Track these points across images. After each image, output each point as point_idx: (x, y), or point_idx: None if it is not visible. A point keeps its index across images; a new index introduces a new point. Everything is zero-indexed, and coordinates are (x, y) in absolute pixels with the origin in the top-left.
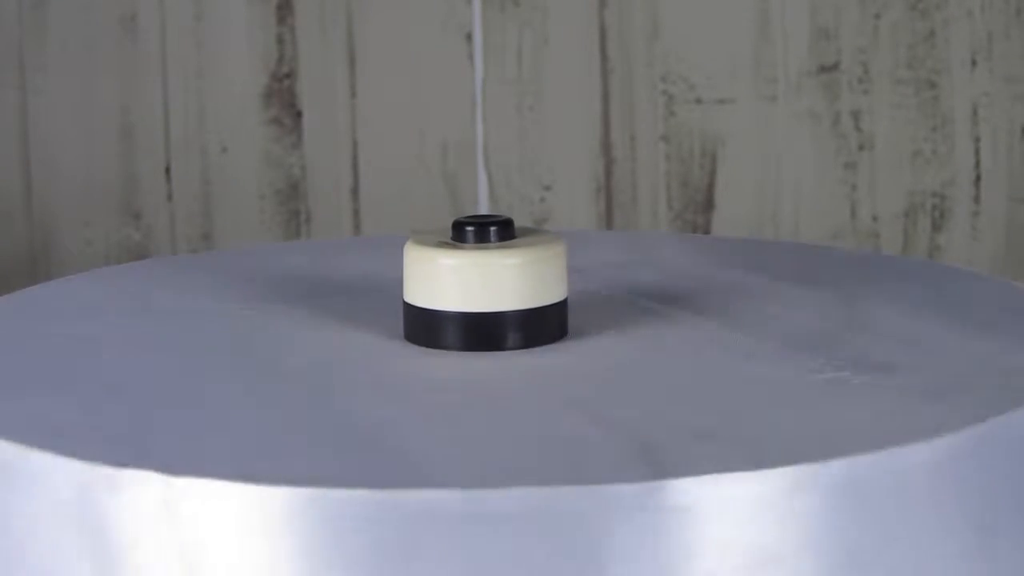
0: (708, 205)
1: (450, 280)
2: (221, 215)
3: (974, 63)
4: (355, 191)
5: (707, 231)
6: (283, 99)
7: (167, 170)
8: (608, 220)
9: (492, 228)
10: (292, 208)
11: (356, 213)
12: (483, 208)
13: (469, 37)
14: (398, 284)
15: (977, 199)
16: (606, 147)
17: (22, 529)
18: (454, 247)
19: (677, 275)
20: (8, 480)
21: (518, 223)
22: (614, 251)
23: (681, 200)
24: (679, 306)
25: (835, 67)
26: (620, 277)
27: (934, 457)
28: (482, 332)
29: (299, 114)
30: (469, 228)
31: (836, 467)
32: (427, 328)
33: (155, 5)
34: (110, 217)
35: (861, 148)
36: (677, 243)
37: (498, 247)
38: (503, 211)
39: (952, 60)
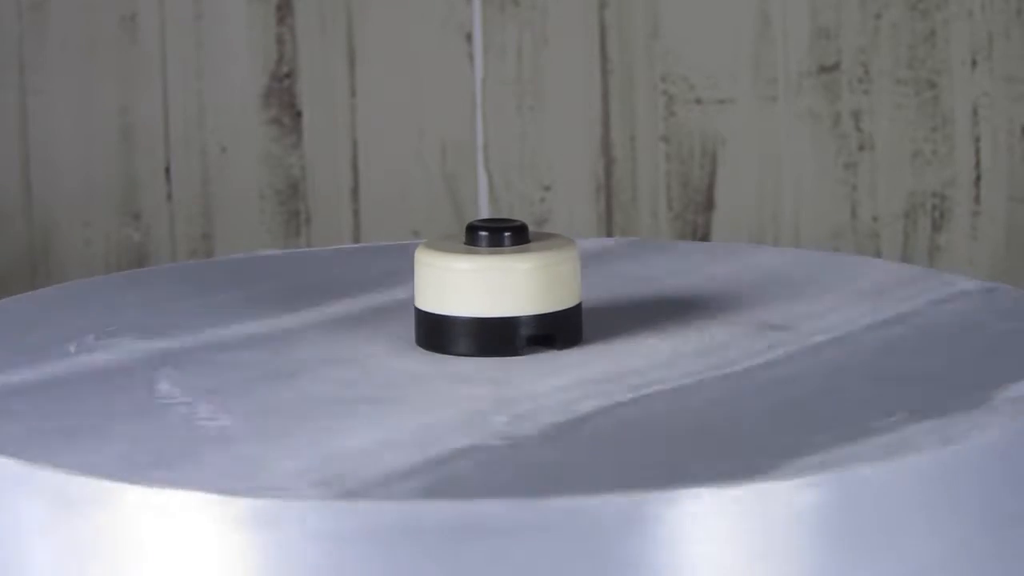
0: (708, 205)
1: (463, 285)
2: (221, 215)
3: (974, 63)
4: (355, 191)
5: (707, 231)
6: (283, 99)
7: (167, 170)
8: (608, 220)
9: (506, 232)
10: (292, 208)
11: (356, 213)
12: (483, 208)
13: (469, 37)
14: (409, 290)
15: (977, 199)
16: (606, 147)
17: None
18: (467, 251)
19: (690, 279)
20: None
21: None
22: (627, 255)
23: (681, 200)
24: (695, 311)
25: (835, 67)
26: (634, 282)
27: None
28: (496, 337)
29: (299, 114)
30: (483, 232)
31: (836, 478)
32: (439, 334)
33: (155, 5)
34: (110, 217)
35: (861, 148)
36: (688, 248)
37: (512, 251)
38: (503, 211)
39: (952, 60)
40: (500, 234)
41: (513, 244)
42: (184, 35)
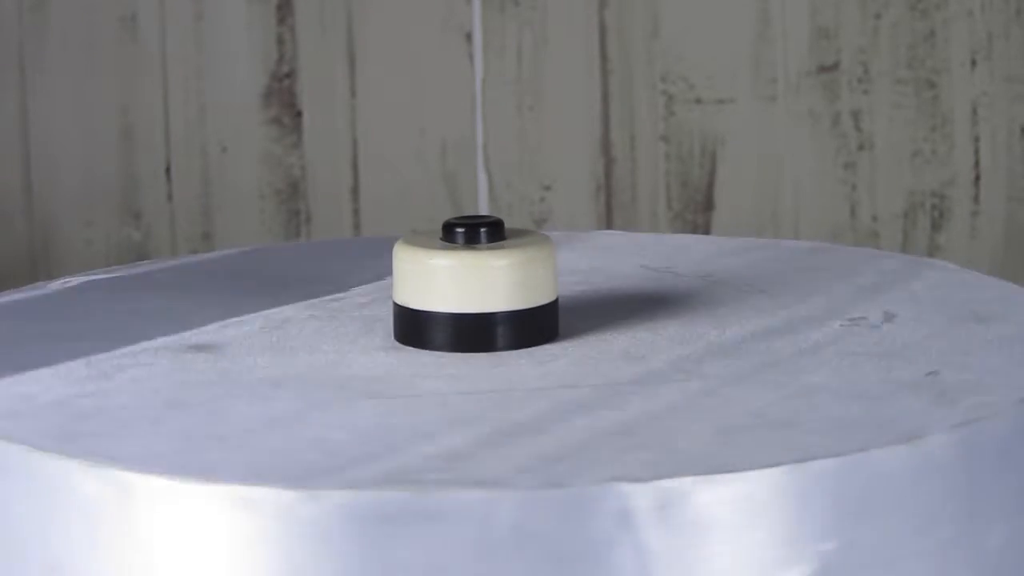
0: (708, 205)
1: (440, 280)
2: (221, 215)
3: (974, 63)
4: (355, 191)
5: (707, 231)
6: (283, 99)
7: (167, 170)
8: (608, 220)
9: (482, 229)
10: (292, 208)
11: (356, 213)
12: (483, 208)
13: (469, 37)
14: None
15: (976, 199)
16: (606, 147)
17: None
18: (444, 248)
19: (670, 275)
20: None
21: (518, 223)
22: (607, 251)
23: (681, 200)
24: (672, 307)
25: (835, 67)
26: (613, 278)
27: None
28: (472, 333)
29: (299, 114)
30: (459, 229)
31: (825, 466)
32: (417, 329)
33: (155, 5)
34: (110, 217)
35: (861, 148)
36: (672, 243)
37: (488, 248)
38: (503, 211)
39: (952, 60)
40: (476, 230)
41: (489, 241)
42: (184, 35)
